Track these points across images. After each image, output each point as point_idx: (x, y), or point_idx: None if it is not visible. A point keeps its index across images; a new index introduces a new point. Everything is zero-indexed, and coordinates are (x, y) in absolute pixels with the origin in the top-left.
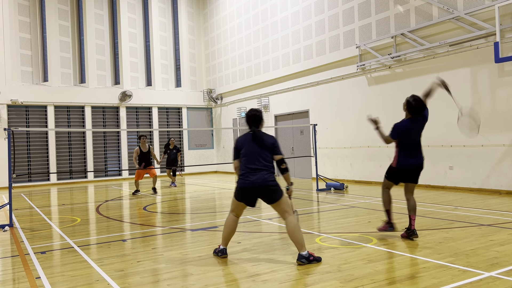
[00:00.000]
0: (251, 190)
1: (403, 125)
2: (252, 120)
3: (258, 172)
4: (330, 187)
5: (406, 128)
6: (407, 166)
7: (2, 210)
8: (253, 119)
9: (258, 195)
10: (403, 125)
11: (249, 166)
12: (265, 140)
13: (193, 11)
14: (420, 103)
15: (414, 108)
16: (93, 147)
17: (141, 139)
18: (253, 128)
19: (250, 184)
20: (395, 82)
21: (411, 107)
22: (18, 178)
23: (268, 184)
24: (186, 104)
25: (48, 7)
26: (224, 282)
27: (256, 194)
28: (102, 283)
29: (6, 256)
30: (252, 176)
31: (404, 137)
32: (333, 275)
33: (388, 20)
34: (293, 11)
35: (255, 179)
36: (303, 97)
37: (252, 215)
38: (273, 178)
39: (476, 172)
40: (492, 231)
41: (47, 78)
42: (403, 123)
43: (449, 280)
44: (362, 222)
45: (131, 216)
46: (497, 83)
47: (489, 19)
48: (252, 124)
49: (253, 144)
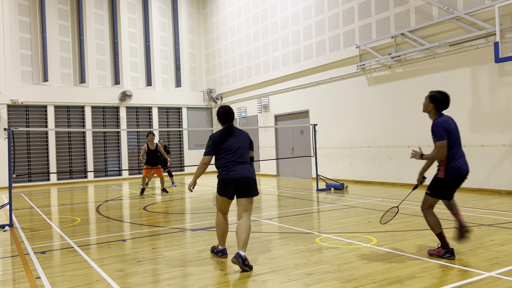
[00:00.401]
0: (237, 181)
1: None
2: (228, 116)
3: (243, 164)
4: (330, 187)
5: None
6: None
7: (2, 210)
8: (229, 114)
9: (241, 187)
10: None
11: (234, 159)
12: (244, 135)
13: (193, 11)
14: (448, 96)
15: (443, 101)
16: (93, 147)
17: (149, 137)
18: (230, 124)
19: (235, 176)
20: (395, 82)
21: (439, 101)
22: (18, 178)
23: (253, 177)
24: (186, 104)
25: (48, 7)
26: (224, 282)
27: (239, 186)
28: (102, 283)
29: (6, 256)
30: (237, 168)
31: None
32: (333, 275)
33: (388, 20)
34: (293, 11)
35: (240, 170)
36: (303, 97)
37: (252, 215)
38: (254, 172)
39: (476, 172)
40: (492, 231)
41: (47, 78)
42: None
43: (449, 280)
44: (362, 222)
45: (131, 216)
46: (497, 83)
47: (489, 19)
48: (228, 120)
49: (235, 139)
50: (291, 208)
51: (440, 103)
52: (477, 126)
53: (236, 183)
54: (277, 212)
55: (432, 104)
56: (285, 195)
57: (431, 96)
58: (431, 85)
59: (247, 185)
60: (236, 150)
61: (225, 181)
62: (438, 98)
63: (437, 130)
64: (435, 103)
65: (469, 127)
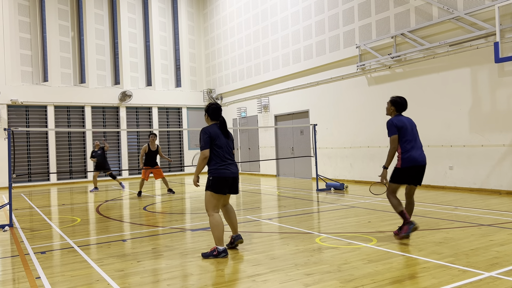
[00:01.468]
0: (231, 180)
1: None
2: (219, 112)
3: (233, 163)
4: (330, 187)
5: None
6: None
7: (2, 210)
8: (220, 111)
9: (233, 184)
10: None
11: (227, 157)
12: (230, 134)
13: (193, 11)
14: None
15: (401, 105)
16: (93, 147)
17: (150, 137)
18: (222, 119)
19: (231, 174)
20: (395, 82)
21: (398, 104)
22: (18, 178)
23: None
24: (186, 104)
25: (48, 7)
26: (224, 282)
27: (232, 184)
28: (102, 283)
29: (6, 256)
30: (231, 167)
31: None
32: (333, 275)
33: (388, 20)
34: (293, 11)
35: (233, 169)
36: (303, 97)
37: (252, 215)
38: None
39: (476, 172)
40: (492, 231)
41: (47, 78)
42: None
43: (449, 280)
44: (362, 222)
45: (131, 216)
46: (497, 83)
47: (489, 19)
48: (219, 116)
49: (224, 136)
50: (291, 208)
51: (399, 106)
52: (477, 126)
53: (231, 181)
54: (277, 212)
55: (393, 107)
56: (285, 195)
57: (392, 101)
58: (431, 85)
59: (236, 182)
60: (227, 147)
61: (225, 179)
62: (397, 102)
63: (389, 127)
64: (395, 106)
65: (469, 127)
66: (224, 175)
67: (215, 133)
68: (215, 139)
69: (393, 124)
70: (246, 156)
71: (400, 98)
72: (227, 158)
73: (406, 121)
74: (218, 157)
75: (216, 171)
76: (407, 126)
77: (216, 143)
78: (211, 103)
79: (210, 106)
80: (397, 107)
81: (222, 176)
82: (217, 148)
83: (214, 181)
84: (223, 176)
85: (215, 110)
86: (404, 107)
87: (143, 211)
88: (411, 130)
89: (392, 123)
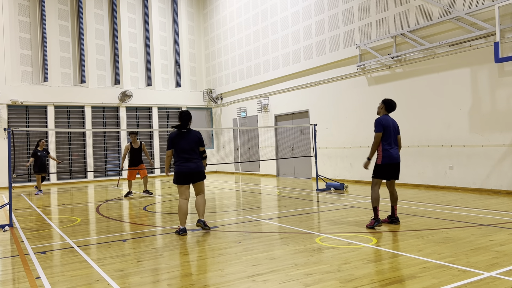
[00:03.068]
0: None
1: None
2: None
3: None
4: (330, 187)
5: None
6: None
7: (2, 210)
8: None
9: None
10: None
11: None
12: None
13: (193, 11)
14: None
15: (391, 106)
16: (93, 147)
17: (131, 135)
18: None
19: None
20: (395, 82)
21: (388, 105)
22: (18, 178)
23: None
24: (186, 104)
25: (48, 7)
26: (224, 282)
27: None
28: (102, 283)
29: (6, 256)
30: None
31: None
32: (333, 275)
33: (388, 20)
34: (293, 11)
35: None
36: (303, 97)
37: (252, 215)
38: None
39: (476, 172)
40: (492, 231)
41: (47, 78)
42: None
43: (449, 280)
44: (362, 222)
45: (131, 216)
46: (497, 83)
47: (489, 19)
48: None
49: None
50: (291, 208)
51: (389, 107)
52: (477, 126)
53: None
54: (277, 212)
55: (384, 106)
56: (285, 195)
57: (385, 102)
58: (431, 85)
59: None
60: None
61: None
62: (389, 103)
63: (376, 124)
64: (386, 106)
65: (469, 127)
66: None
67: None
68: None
69: (380, 123)
70: (246, 156)
71: (391, 101)
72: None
73: (391, 122)
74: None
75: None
76: (391, 127)
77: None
78: (183, 110)
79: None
80: (387, 108)
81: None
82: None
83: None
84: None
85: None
86: (393, 108)
87: (143, 211)
88: (393, 131)
89: (380, 122)
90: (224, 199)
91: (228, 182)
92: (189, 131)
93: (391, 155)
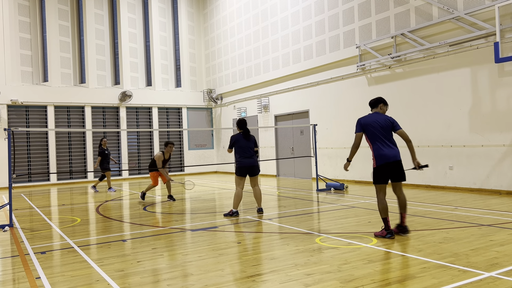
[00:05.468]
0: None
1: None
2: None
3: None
4: (330, 187)
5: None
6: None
7: (2, 210)
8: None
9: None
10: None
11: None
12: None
13: (193, 11)
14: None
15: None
16: (93, 147)
17: (168, 146)
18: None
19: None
20: (395, 82)
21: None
22: (18, 178)
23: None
24: (186, 104)
25: (48, 7)
26: (224, 282)
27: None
28: (102, 283)
29: (6, 256)
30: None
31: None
32: (333, 275)
33: (388, 20)
34: (293, 11)
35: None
36: (303, 97)
37: (252, 215)
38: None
39: (476, 172)
40: (492, 231)
41: (47, 78)
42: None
43: (449, 280)
44: (362, 222)
45: (131, 216)
46: (497, 83)
47: (489, 19)
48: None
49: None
50: (291, 208)
51: (370, 105)
52: (477, 126)
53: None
54: (277, 212)
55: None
56: (285, 195)
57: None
58: (431, 85)
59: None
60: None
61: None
62: (370, 101)
63: (356, 125)
64: (369, 105)
65: (469, 127)
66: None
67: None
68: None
69: (358, 123)
70: None
71: (373, 99)
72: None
73: (376, 119)
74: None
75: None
76: (376, 125)
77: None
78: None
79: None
80: (370, 106)
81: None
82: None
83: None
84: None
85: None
86: (373, 105)
87: (143, 211)
88: (381, 128)
89: (358, 122)
90: (224, 199)
91: (228, 182)
92: (249, 134)
93: (383, 154)
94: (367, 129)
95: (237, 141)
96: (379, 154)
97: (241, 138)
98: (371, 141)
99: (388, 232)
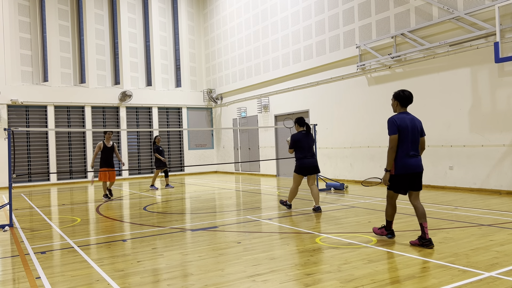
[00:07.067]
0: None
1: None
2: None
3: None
4: (330, 187)
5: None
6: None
7: (2, 210)
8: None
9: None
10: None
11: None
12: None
13: (193, 11)
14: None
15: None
16: (93, 147)
17: (106, 134)
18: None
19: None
20: (395, 82)
21: (401, 98)
22: (18, 178)
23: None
24: (186, 104)
25: (48, 7)
26: (224, 282)
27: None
28: (102, 283)
29: (6, 256)
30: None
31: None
32: (333, 275)
33: (388, 20)
34: (293, 11)
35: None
36: (303, 97)
37: (252, 215)
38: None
39: (476, 172)
40: (492, 231)
41: (47, 78)
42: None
43: (449, 280)
44: (362, 222)
45: (131, 216)
46: (497, 83)
47: (489, 19)
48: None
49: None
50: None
51: (402, 100)
52: (477, 126)
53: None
54: (277, 212)
55: (397, 101)
56: (285, 195)
57: (396, 95)
58: (431, 85)
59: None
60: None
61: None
62: (400, 95)
63: (389, 125)
64: (399, 100)
65: (469, 127)
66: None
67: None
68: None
69: (394, 123)
70: (246, 156)
71: (403, 92)
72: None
73: (409, 122)
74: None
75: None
76: (408, 128)
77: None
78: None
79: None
80: (401, 102)
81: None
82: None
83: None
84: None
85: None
86: (409, 100)
87: (143, 211)
88: (411, 133)
89: (393, 122)
90: (224, 199)
91: (228, 182)
92: (309, 132)
93: (407, 163)
94: (401, 132)
95: (298, 140)
96: (404, 163)
97: (303, 137)
98: (399, 145)
99: (389, 232)
